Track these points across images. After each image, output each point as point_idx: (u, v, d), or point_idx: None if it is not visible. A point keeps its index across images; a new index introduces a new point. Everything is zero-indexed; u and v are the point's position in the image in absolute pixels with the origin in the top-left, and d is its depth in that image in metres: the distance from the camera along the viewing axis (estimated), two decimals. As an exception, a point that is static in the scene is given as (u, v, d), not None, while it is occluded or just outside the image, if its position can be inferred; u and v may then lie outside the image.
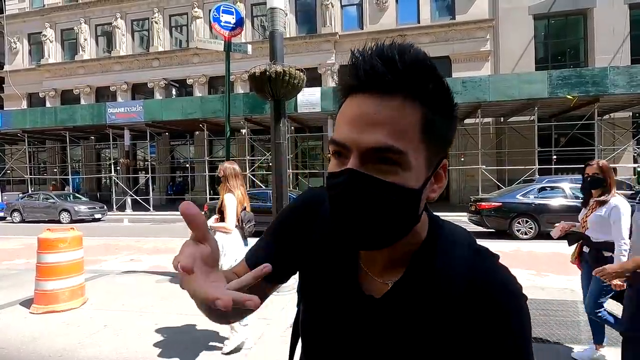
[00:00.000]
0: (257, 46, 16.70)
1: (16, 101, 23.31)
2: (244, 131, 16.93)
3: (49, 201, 15.01)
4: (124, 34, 21.94)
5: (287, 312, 3.92)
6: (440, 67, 0.48)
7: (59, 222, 14.20)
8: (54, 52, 22.97)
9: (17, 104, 23.14)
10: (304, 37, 19.18)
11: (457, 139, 17.23)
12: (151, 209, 17.49)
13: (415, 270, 0.56)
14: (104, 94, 22.24)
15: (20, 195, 16.86)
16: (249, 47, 5.58)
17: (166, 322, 3.73)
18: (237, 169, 3.37)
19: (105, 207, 15.87)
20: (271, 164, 5.00)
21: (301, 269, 0.69)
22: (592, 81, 12.56)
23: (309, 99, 14.35)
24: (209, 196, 16.83)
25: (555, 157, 14.79)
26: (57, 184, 21.53)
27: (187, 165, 21.24)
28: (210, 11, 6.44)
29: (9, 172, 22.04)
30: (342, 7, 19.33)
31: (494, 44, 17.30)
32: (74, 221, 13.89)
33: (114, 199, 18.31)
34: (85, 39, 22.26)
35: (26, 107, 22.77)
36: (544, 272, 5.62)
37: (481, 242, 0.57)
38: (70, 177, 19.86)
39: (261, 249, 0.72)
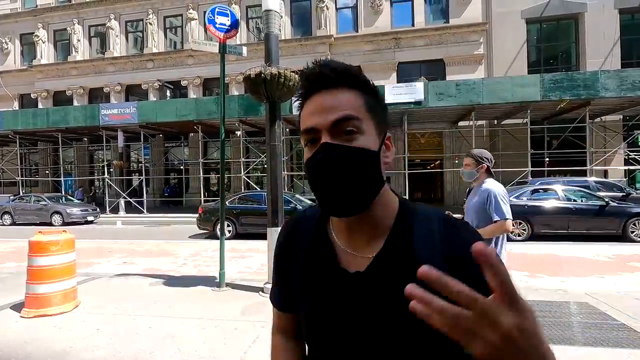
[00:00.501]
0: (252, 48, 16.71)
1: (7, 102, 23.05)
2: (239, 133, 16.89)
3: (41, 203, 14.83)
4: (117, 35, 21.81)
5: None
6: (434, 69, 0.49)
7: (51, 224, 14.04)
8: (46, 53, 22.77)
9: (8, 104, 22.88)
10: (299, 39, 19.23)
11: (451, 141, 17.39)
12: (145, 211, 17.36)
13: (393, 242, 0.64)
14: (97, 95, 22.07)
15: (11, 197, 16.62)
16: (244, 49, 5.57)
17: (160, 325, 3.69)
18: None
19: (98, 209, 15.73)
20: (266, 166, 4.99)
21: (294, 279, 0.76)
22: (583, 84, 12.73)
23: (304, 101, 14.33)
24: (203, 198, 16.74)
25: (547, 159, 14.96)
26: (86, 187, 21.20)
27: (182, 167, 21.14)
28: (205, 13, 6.43)
29: (-1, 174, 21.78)
30: (337, 9, 19.41)
31: (487, 47, 17.47)
32: (66, 224, 13.74)
33: (107, 201, 18.15)
34: (78, 40, 22.09)
35: (18, 108, 22.54)
36: (538, 274, 5.66)
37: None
38: (62, 179, 19.65)
39: (274, 288, 0.83)
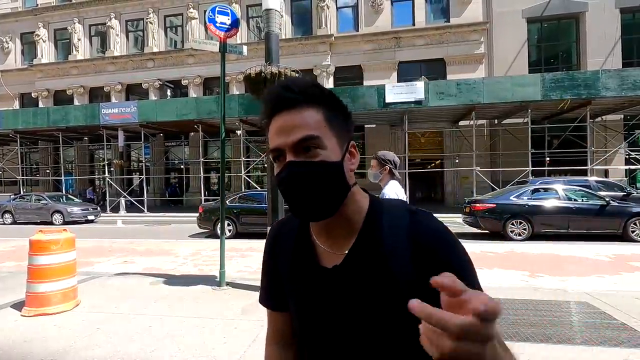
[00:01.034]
0: (253, 47, 16.70)
1: (8, 101, 23.06)
2: (239, 132, 16.90)
3: (41, 202, 14.84)
4: (118, 34, 21.81)
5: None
6: (434, 69, 0.49)
7: (51, 223, 14.05)
8: (46, 52, 22.77)
9: (9, 104, 22.89)
10: (299, 38, 19.21)
11: (452, 141, 17.39)
12: (145, 210, 17.37)
13: (364, 237, 0.69)
14: (97, 95, 22.06)
15: (11, 196, 16.65)
16: (245, 48, 5.56)
17: (160, 325, 3.70)
18: None
19: (98, 208, 15.75)
20: (266, 165, 4.98)
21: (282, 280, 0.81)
22: (584, 84, 12.71)
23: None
24: (203, 197, 16.75)
25: (548, 159, 14.94)
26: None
27: (182, 166, 21.13)
28: (205, 12, 6.43)
29: (0, 173, 21.77)
30: (337, 8, 19.40)
31: (487, 46, 17.46)
32: (66, 223, 13.75)
33: (108, 200, 18.17)
34: (78, 39, 22.09)
35: (18, 107, 22.54)
36: (538, 273, 5.65)
37: (476, 243, 0.58)
38: (63, 178, 19.66)
39: (263, 291, 0.89)
